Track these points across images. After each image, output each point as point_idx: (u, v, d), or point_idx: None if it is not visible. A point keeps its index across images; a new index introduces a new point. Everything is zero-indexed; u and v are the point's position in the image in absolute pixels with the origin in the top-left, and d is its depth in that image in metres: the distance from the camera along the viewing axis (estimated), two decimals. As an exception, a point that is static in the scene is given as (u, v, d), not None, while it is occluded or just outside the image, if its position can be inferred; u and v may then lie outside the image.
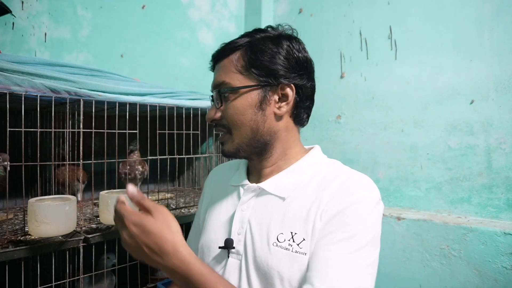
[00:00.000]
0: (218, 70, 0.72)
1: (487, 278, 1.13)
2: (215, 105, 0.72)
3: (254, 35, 0.71)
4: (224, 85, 0.70)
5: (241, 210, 0.72)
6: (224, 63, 0.71)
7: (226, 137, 0.72)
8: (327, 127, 1.69)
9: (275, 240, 0.64)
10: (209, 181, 0.91)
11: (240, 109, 0.69)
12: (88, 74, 1.08)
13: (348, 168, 0.73)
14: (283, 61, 0.69)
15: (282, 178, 0.72)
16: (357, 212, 0.62)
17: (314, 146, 0.80)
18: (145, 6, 1.65)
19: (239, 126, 0.69)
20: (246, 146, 0.70)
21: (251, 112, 0.68)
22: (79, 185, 1.27)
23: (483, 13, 1.24)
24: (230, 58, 0.71)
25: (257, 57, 0.68)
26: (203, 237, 0.77)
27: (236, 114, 0.69)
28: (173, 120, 1.24)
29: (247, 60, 0.68)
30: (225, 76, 0.70)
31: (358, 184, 0.67)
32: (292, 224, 0.65)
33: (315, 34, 1.77)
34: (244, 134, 0.69)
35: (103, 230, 1.04)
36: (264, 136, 0.70)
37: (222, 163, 0.96)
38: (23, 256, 0.87)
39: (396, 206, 1.45)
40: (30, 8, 1.31)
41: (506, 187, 1.18)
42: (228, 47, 0.71)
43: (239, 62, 0.69)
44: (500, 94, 1.20)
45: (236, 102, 0.69)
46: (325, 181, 0.68)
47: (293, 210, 0.66)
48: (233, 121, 0.69)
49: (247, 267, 0.67)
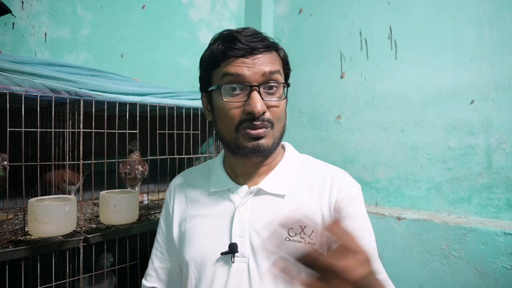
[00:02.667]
0: (268, 60, 0.68)
1: (487, 278, 1.13)
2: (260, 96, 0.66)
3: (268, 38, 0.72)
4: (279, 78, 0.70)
5: (239, 213, 0.71)
6: (274, 55, 0.70)
7: (267, 131, 0.69)
8: (327, 127, 1.69)
9: (287, 235, 0.67)
10: (176, 190, 0.84)
11: (284, 105, 0.72)
12: (88, 74, 1.08)
13: (322, 161, 0.83)
14: (289, 65, 0.76)
15: (277, 176, 0.75)
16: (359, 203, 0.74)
17: (285, 143, 0.85)
18: (145, 6, 1.65)
19: (282, 120, 0.72)
20: (278, 141, 0.73)
21: (285, 109, 0.74)
22: (69, 187, 1.24)
23: (483, 13, 1.24)
24: (275, 54, 0.71)
25: (287, 61, 0.75)
26: (192, 248, 0.73)
27: (284, 109, 0.72)
28: (173, 120, 1.24)
29: (281, 60, 0.73)
30: (278, 69, 0.70)
31: (349, 179, 0.78)
32: (300, 219, 0.67)
33: (315, 34, 1.77)
34: (280, 129, 0.72)
35: (103, 230, 1.04)
36: (283, 134, 0.75)
37: (184, 171, 0.90)
38: (23, 256, 0.87)
39: (396, 206, 1.45)
40: (30, 8, 1.31)
41: (506, 187, 1.18)
42: (270, 42, 0.70)
43: (280, 60, 0.72)
44: (500, 94, 1.20)
45: (284, 98, 0.72)
46: (314, 178, 0.76)
47: (296, 205, 0.71)
48: (280, 115, 0.71)
49: (257, 268, 0.67)
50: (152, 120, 1.24)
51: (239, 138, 0.69)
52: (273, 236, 0.68)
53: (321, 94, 1.72)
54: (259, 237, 0.68)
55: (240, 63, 0.66)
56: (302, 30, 1.83)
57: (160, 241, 0.85)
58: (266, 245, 0.67)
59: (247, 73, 0.65)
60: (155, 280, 0.84)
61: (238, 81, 0.66)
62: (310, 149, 1.72)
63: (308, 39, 1.80)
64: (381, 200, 1.49)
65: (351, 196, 0.73)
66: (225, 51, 0.67)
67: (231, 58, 0.67)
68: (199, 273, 0.71)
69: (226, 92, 0.68)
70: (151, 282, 0.84)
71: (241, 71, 0.66)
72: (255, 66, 0.66)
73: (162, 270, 0.84)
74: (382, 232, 1.37)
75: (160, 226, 0.86)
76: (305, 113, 1.78)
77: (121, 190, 1.12)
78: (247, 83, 0.66)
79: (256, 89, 0.66)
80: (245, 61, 0.66)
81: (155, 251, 0.85)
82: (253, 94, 0.65)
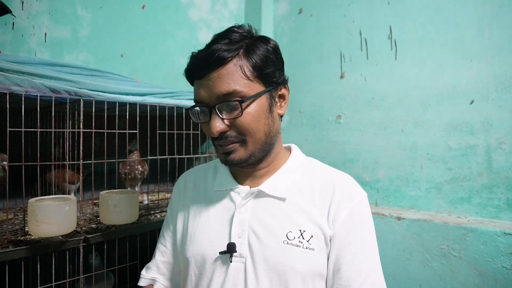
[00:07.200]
0: (220, 78, 0.64)
1: (487, 278, 1.13)
2: (219, 116, 0.65)
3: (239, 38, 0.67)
4: (236, 94, 0.64)
5: (239, 213, 0.72)
6: (227, 70, 0.65)
7: (235, 146, 0.68)
8: (327, 127, 1.69)
9: (285, 238, 0.67)
10: (182, 187, 0.86)
11: (256, 116, 0.67)
12: (88, 74, 1.08)
13: (327, 166, 0.80)
14: (276, 62, 0.71)
15: (279, 179, 0.75)
16: (361, 213, 0.72)
17: (291, 145, 0.83)
18: (145, 6, 1.65)
19: (254, 132, 0.67)
20: (258, 151, 0.70)
21: (264, 116, 0.69)
22: (69, 186, 1.25)
23: (483, 13, 1.24)
24: (232, 64, 0.65)
25: (260, 62, 0.67)
26: (192, 246, 0.74)
27: (253, 122, 0.67)
28: (173, 120, 1.24)
29: (252, 65, 0.66)
30: (235, 84, 0.64)
31: (352, 188, 0.74)
32: (299, 223, 0.69)
33: (315, 34, 1.77)
34: (258, 139, 0.69)
35: (103, 230, 1.04)
36: (273, 138, 0.72)
37: (193, 167, 0.91)
38: (23, 256, 0.87)
39: (396, 206, 1.45)
40: (30, 8, 1.31)
41: (506, 187, 1.18)
42: (223, 54, 0.64)
43: (245, 68, 0.66)
44: (500, 94, 1.20)
45: (251, 109, 0.66)
46: (317, 183, 0.74)
47: (296, 210, 0.71)
48: (248, 129, 0.66)
49: (254, 268, 0.67)
50: (152, 120, 1.24)
51: (217, 151, 0.73)
52: (270, 239, 0.68)
53: (321, 94, 1.72)
54: (258, 239, 0.68)
55: (198, 85, 0.67)
56: (302, 30, 1.83)
57: (165, 235, 0.86)
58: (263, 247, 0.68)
59: (203, 95, 0.66)
60: (155, 272, 0.84)
61: (199, 104, 0.69)
62: (310, 149, 1.72)
63: (308, 39, 1.80)
64: (381, 200, 1.49)
65: (351, 213, 0.70)
66: (188, 73, 0.70)
67: (194, 80, 0.69)
68: (199, 270, 0.72)
69: (195, 114, 0.71)
70: (150, 274, 0.84)
71: (198, 94, 0.67)
72: (209, 86, 0.65)
73: (164, 264, 0.84)
74: (382, 232, 1.37)
75: (166, 220, 0.87)
76: (305, 113, 1.77)
77: (121, 190, 1.12)
78: (206, 105, 0.67)
79: (213, 110, 0.66)
80: (202, 83, 0.66)
81: (159, 245, 0.87)
82: (212, 116, 0.66)
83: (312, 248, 0.67)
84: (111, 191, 1.08)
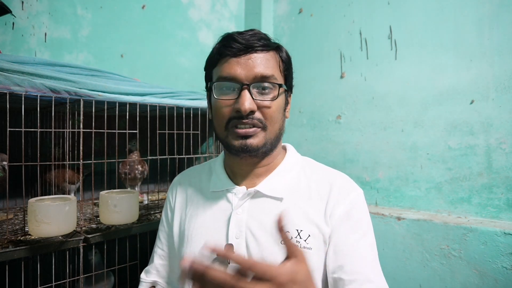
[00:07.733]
0: (263, 60, 0.67)
1: (487, 278, 1.13)
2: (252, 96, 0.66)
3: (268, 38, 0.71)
4: (273, 80, 0.68)
5: (236, 214, 0.71)
6: (270, 55, 0.69)
7: (257, 131, 0.69)
8: (327, 127, 1.69)
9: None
10: (178, 188, 0.86)
11: (279, 107, 0.71)
12: (88, 74, 1.08)
13: (322, 165, 0.81)
14: (291, 68, 0.75)
15: (275, 179, 0.75)
16: (358, 208, 0.72)
17: (287, 144, 0.84)
18: (145, 6, 1.65)
19: (275, 122, 0.70)
20: (271, 142, 0.71)
21: (282, 112, 0.73)
22: (69, 186, 1.25)
23: (483, 13, 1.24)
24: (274, 54, 0.70)
25: (287, 62, 0.73)
26: (190, 247, 0.74)
27: (277, 111, 0.70)
28: (173, 120, 1.24)
29: (284, 62, 0.71)
30: (273, 70, 0.68)
31: (348, 185, 0.75)
32: (297, 223, 0.69)
33: (315, 34, 1.77)
34: (274, 131, 0.71)
35: (103, 230, 1.04)
36: (281, 135, 0.75)
37: (186, 169, 0.92)
38: (23, 256, 0.87)
39: (396, 206, 1.45)
40: (30, 8, 1.31)
41: (506, 187, 1.18)
42: (270, 42, 0.69)
43: (281, 62, 0.71)
44: (500, 94, 1.20)
45: (279, 99, 0.70)
46: (313, 182, 0.74)
47: (293, 209, 0.70)
48: (273, 116, 0.69)
49: None
50: (152, 120, 1.24)
51: (228, 136, 0.70)
52: (268, 240, 0.68)
53: (321, 94, 1.72)
54: (255, 239, 0.68)
55: (234, 62, 0.67)
56: (302, 30, 1.83)
57: (162, 238, 0.85)
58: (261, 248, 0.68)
59: (239, 72, 0.66)
60: (156, 276, 0.84)
61: (230, 79, 0.68)
62: (310, 149, 1.72)
63: (308, 39, 1.80)
64: (381, 200, 1.49)
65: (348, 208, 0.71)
66: (220, 50, 0.69)
67: (226, 57, 0.68)
68: None
69: (218, 90, 0.70)
70: (150, 277, 0.85)
71: (233, 70, 0.67)
72: (248, 65, 0.67)
73: (163, 267, 0.84)
74: (382, 232, 1.37)
75: (162, 223, 0.87)
76: (305, 113, 1.77)
77: (121, 190, 1.12)
78: (238, 82, 0.67)
79: (246, 87, 0.66)
80: (238, 61, 0.67)
81: (156, 248, 0.86)
82: (243, 92, 0.66)
83: (309, 248, 0.67)
84: (111, 191, 1.08)
